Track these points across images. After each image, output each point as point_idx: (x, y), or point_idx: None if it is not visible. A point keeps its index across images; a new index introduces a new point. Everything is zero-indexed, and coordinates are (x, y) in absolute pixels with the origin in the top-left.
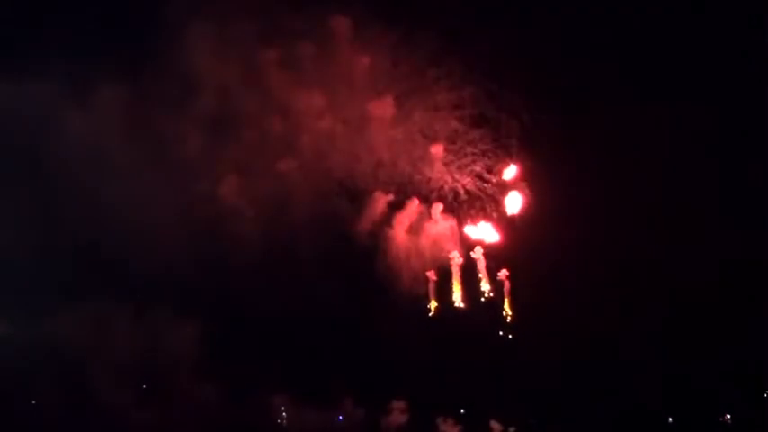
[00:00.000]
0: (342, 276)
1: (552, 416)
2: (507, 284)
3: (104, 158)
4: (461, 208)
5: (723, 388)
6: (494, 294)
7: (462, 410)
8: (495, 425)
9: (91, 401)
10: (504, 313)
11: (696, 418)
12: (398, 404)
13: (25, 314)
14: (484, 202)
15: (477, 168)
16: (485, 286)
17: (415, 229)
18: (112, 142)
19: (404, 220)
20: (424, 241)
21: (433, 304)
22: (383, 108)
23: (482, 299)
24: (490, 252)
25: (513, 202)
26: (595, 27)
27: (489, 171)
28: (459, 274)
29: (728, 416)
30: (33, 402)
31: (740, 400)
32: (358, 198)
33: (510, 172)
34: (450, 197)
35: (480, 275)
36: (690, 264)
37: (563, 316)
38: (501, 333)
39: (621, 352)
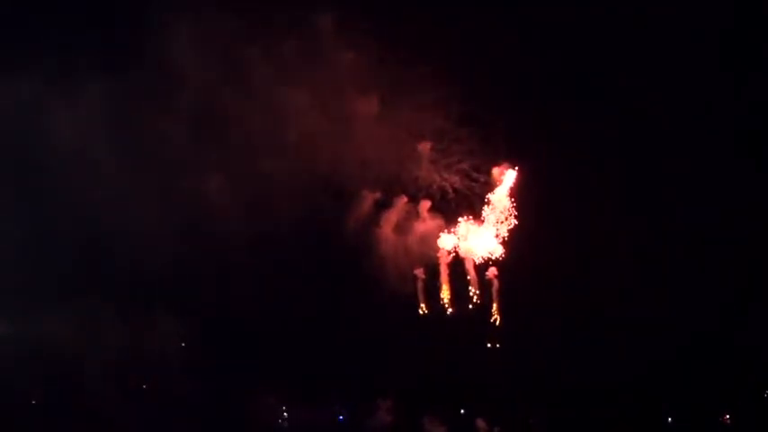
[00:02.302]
0: (329, 275)
1: (551, 417)
2: (496, 284)
3: (89, 157)
4: (449, 206)
5: (723, 388)
6: (481, 301)
7: (462, 411)
8: (481, 425)
9: (88, 401)
10: (492, 319)
11: (696, 418)
12: (385, 403)
13: (20, 314)
14: (472, 200)
15: (465, 167)
16: (473, 290)
17: (402, 228)
18: (97, 141)
19: (391, 218)
20: (412, 239)
21: (422, 308)
22: (369, 105)
23: (470, 305)
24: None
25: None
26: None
27: (477, 170)
28: (447, 273)
29: (728, 416)
30: (33, 402)
31: (740, 400)
32: (344, 196)
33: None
34: (437, 195)
35: (468, 277)
36: (688, 263)
37: (554, 318)
38: (489, 344)
39: (619, 351)
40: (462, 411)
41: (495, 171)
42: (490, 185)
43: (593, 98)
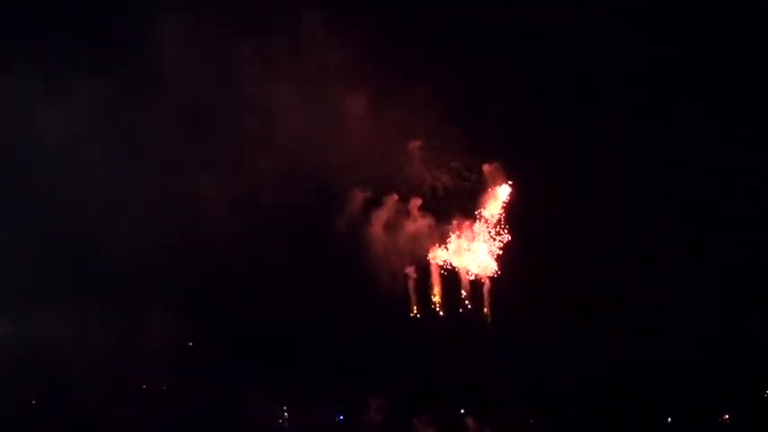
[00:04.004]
0: (320, 274)
1: (551, 417)
2: (488, 284)
3: (89, 158)
4: (440, 204)
5: (723, 388)
6: (472, 305)
7: (462, 410)
8: (471, 424)
9: (88, 401)
10: (483, 321)
11: (696, 418)
12: (379, 402)
13: (20, 314)
14: (463, 199)
15: (456, 165)
16: (464, 294)
17: (393, 226)
18: (95, 141)
19: (382, 216)
20: (403, 238)
21: (414, 309)
22: (360, 104)
23: (460, 309)
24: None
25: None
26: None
27: (468, 168)
28: (438, 274)
29: (728, 416)
30: (33, 402)
31: (740, 400)
32: (335, 195)
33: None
34: (428, 193)
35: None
36: (687, 262)
37: (553, 319)
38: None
39: (619, 351)
40: (462, 411)
41: (487, 169)
42: (481, 184)
43: (590, 99)
